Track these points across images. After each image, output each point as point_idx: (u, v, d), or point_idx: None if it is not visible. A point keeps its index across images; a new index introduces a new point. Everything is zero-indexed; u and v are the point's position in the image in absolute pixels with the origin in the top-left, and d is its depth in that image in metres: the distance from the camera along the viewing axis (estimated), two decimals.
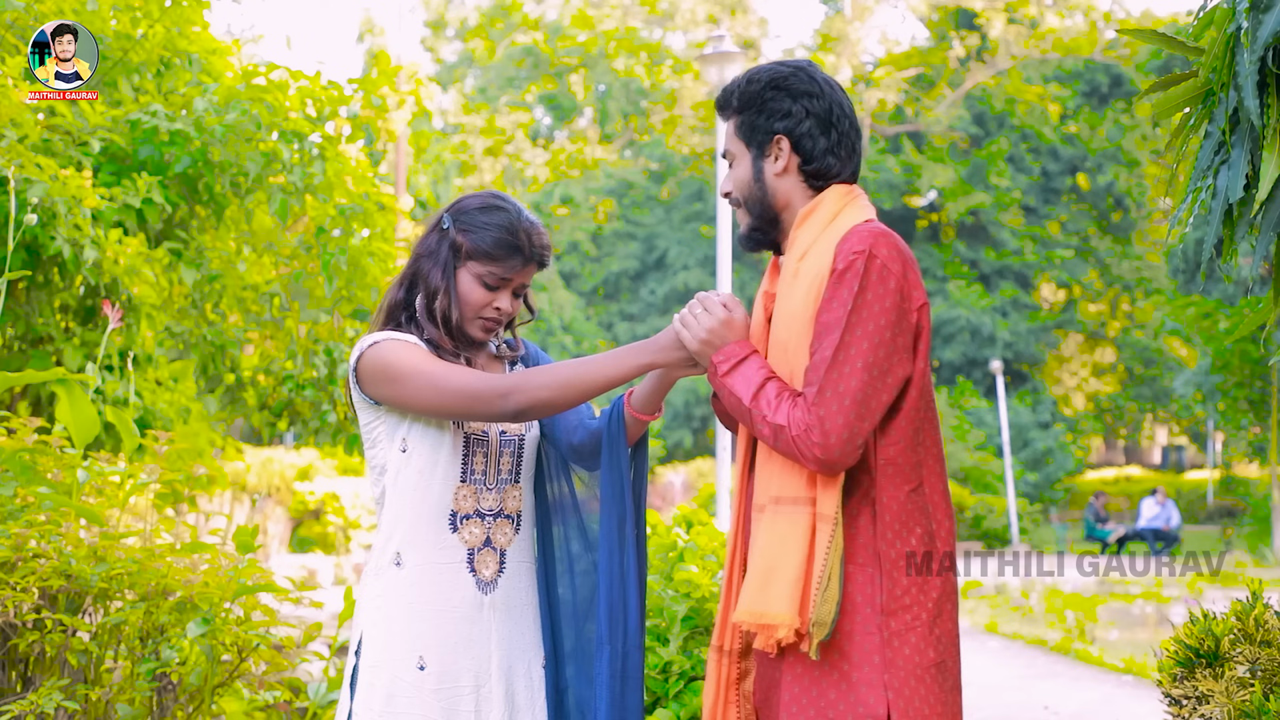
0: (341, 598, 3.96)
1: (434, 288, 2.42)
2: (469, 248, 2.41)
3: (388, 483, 2.41)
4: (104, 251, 4.88)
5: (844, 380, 2.08)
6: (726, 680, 2.30)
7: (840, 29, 35.01)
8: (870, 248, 2.13)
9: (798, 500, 2.15)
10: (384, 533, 2.40)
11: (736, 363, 2.22)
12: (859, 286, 2.10)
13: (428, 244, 2.46)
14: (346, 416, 6.32)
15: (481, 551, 2.41)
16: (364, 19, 29.23)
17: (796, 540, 2.13)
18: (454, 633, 2.36)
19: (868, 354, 2.09)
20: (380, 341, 2.37)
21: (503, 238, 2.41)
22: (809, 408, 2.09)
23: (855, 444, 2.09)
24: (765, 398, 2.15)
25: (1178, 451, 40.60)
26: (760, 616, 2.11)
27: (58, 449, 3.55)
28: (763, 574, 2.13)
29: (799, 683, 2.16)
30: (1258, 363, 18.99)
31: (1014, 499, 23.42)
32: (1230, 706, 2.42)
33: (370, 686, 2.33)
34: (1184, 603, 4.34)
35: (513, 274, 2.43)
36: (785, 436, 2.11)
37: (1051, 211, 34.36)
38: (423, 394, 2.31)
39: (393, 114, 7.38)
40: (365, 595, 2.41)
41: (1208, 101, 2.50)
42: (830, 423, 2.07)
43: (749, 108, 2.29)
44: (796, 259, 2.23)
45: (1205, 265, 2.49)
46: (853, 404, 2.08)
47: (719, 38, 11.63)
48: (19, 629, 3.24)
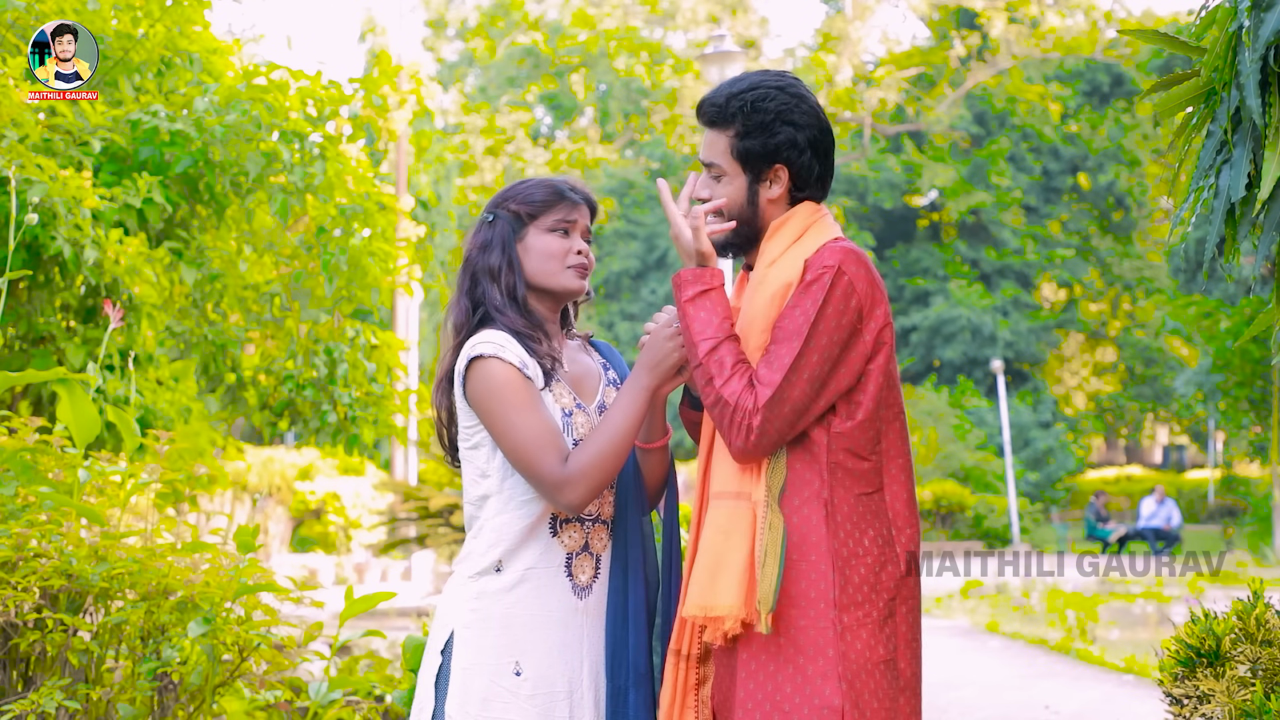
0: (342, 597, 3.96)
1: (496, 267, 2.45)
2: (525, 210, 2.46)
3: (491, 489, 2.41)
4: (105, 251, 4.88)
5: (792, 390, 2.18)
6: (684, 685, 2.31)
7: (841, 28, 35.01)
8: (840, 263, 2.22)
9: (739, 495, 2.23)
10: (486, 539, 2.39)
11: (701, 290, 2.29)
12: (822, 300, 2.19)
13: (477, 242, 2.49)
14: (347, 416, 6.32)
15: (579, 556, 2.41)
16: (365, 19, 29.20)
17: (740, 533, 2.20)
18: (550, 639, 2.36)
19: (815, 367, 2.19)
20: (489, 359, 2.37)
21: (549, 187, 2.48)
22: (758, 407, 2.17)
23: (777, 446, 2.21)
24: (721, 359, 2.23)
25: (1179, 451, 40.59)
26: (709, 609, 2.17)
27: (59, 448, 3.54)
28: (709, 568, 2.19)
29: (753, 678, 2.20)
30: (1258, 362, 18.99)
31: (1015, 498, 23.42)
32: (1231, 706, 2.41)
33: (464, 689, 2.33)
34: (1185, 602, 4.33)
35: (575, 214, 2.48)
36: (726, 413, 2.20)
37: (1052, 211, 34.36)
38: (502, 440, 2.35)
39: (393, 114, 7.38)
40: (459, 597, 2.39)
41: (1209, 101, 2.49)
42: (769, 425, 2.18)
43: (753, 134, 2.32)
44: (765, 267, 2.30)
45: (1207, 265, 2.49)
46: (791, 413, 2.18)
47: (720, 37, 11.63)
48: (20, 628, 3.24)
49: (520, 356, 2.38)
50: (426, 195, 22.76)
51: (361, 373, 6.39)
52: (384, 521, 11.50)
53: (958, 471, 24.95)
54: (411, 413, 7.35)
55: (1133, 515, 24.39)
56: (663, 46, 37.20)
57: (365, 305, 6.62)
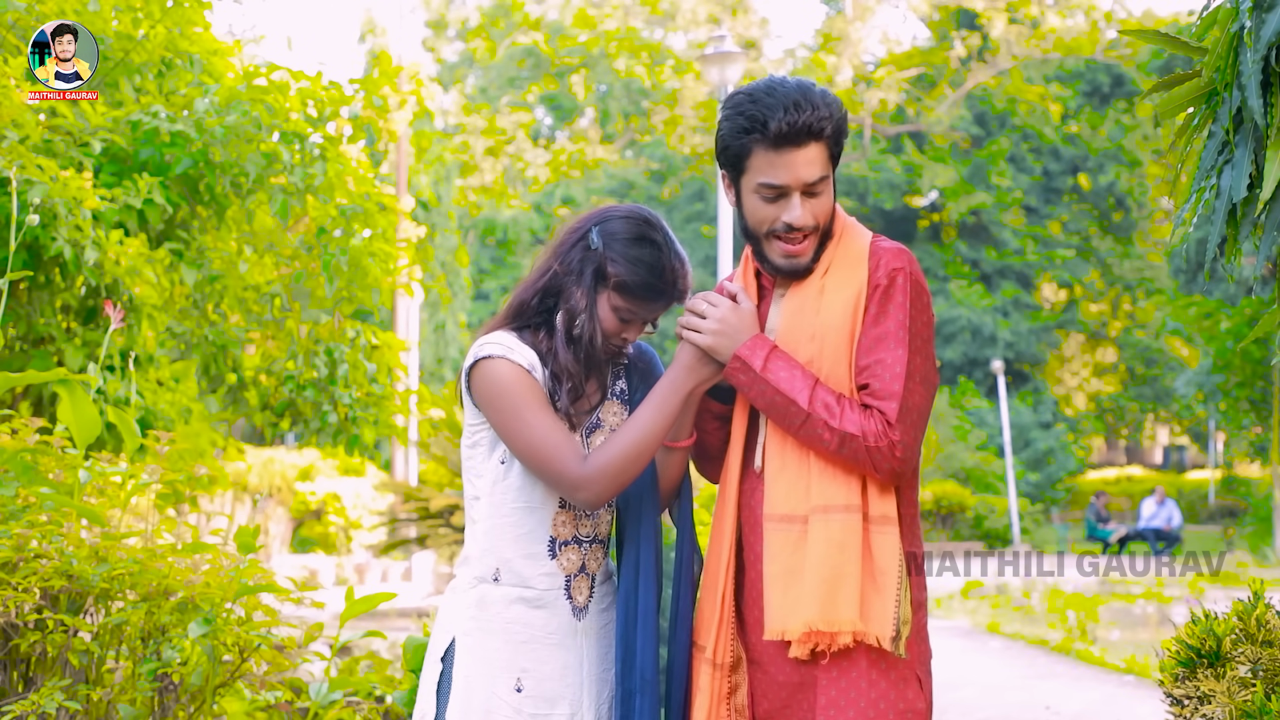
0: (343, 598, 3.95)
1: (576, 310, 2.32)
2: (615, 280, 2.31)
3: (482, 491, 2.37)
4: (105, 252, 4.88)
5: (912, 397, 2.19)
6: (718, 694, 2.29)
7: (841, 29, 35.02)
8: (908, 266, 2.22)
9: (849, 508, 2.19)
10: (480, 544, 2.36)
11: (768, 355, 2.23)
12: (909, 304, 2.20)
13: (570, 259, 2.35)
14: (347, 417, 6.32)
15: (577, 578, 2.38)
16: (365, 19, 29.22)
17: (854, 547, 2.18)
18: (550, 658, 2.34)
19: (923, 370, 2.21)
20: (496, 359, 2.30)
21: (651, 281, 2.31)
22: (889, 423, 2.16)
23: (919, 456, 2.24)
24: (823, 401, 2.19)
25: (1179, 451, 40.59)
26: (832, 624, 2.15)
27: (59, 449, 3.54)
28: (828, 582, 2.16)
29: (835, 686, 2.19)
30: (1259, 363, 18.98)
31: (1015, 499, 23.41)
32: (1232, 706, 2.41)
33: (466, 699, 2.30)
34: (1185, 603, 4.34)
35: (652, 315, 2.37)
36: (858, 445, 2.16)
37: (1053, 211, 34.36)
38: (515, 441, 2.28)
39: (394, 114, 7.38)
40: (459, 603, 2.36)
41: (1211, 101, 2.49)
42: (908, 437, 2.17)
43: (839, 135, 2.24)
44: (820, 275, 2.26)
45: (1209, 265, 2.49)
46: (919, 419, 2.20)
47: (720, 38, 11.63)
48: (20, 629, 3.23)
49: (529, 359, 2.32)
50: (427, 196, 22.75)
51: (362, 373, 6.39)
52: (384, 522, 11.50)
53: (958, 472, 24.95)
54: (412, 413, 7.35)
55: (1133, 516, 24.39)
56: (663, 47, 37.22)
57: (365, 306, 6.62)
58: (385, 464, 20.38)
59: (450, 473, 9.61)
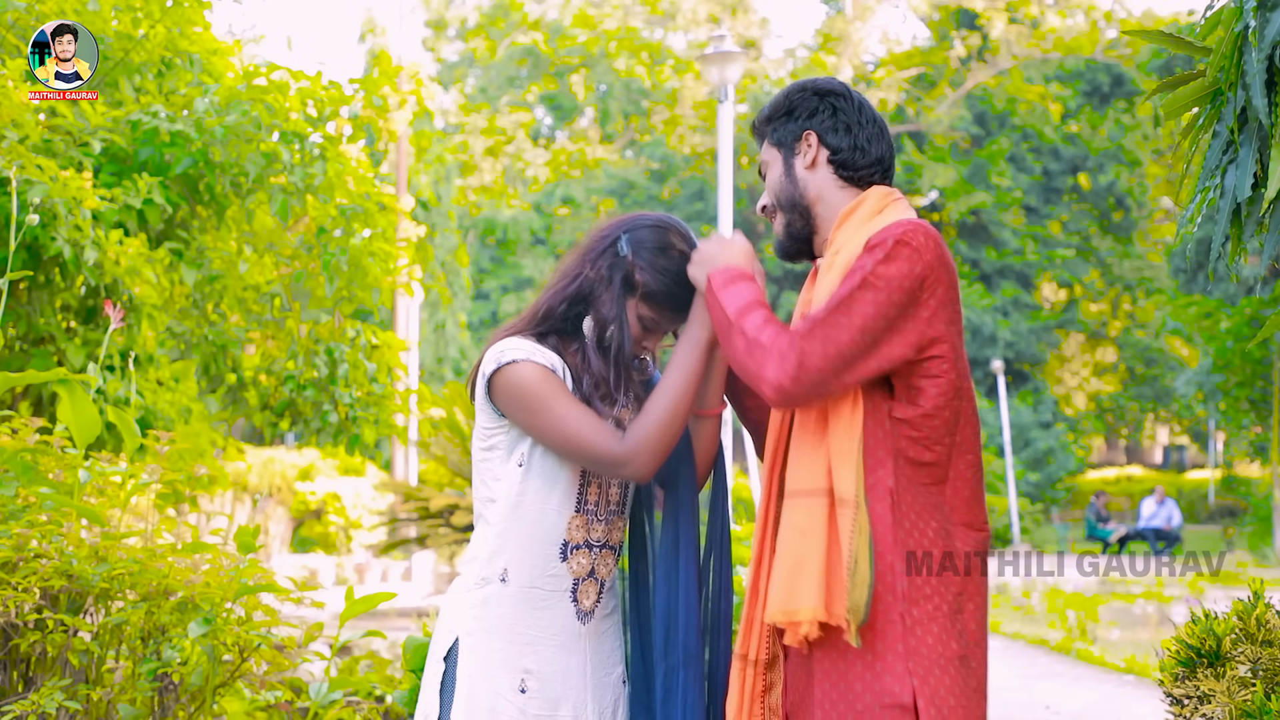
0: (343, 598, 3.95)
1: (606, 319, 2.34)
2: (643, 290, 2.33)
3: (499, 494, 2.36)
4: (105, 252, 4.88)
5: (838, 330, 2.06)
6: (752, 692, 2.26)
7: (841, 29, 35.03)
8: (904, 233, 2.11)
9: (814, 492, 2.14)
10: (491, 545, 2.35)
11: (731, 279, 2.22)
12: (884, 258, 2.08)
13: (600, 266, 2.36)
14: (348, 416, 6.31)
15: (585, 582, 2.38)
16: (365, 19, 29.20)
17: (817, 531, 2.11)
18: (553, 660, 2.34)
19: (868, 318, 2.06)
20: (520, 363, 2.29)
21: (677, 291, 2.33)
22: (793, 339, 2.07)
23: (819, 391, 2.08)
24: (753, 318, 2.15)
25: (1179, 451, 40.60)
26: (791, 614, 2.10)
27: (59, 449, 3.54)
28: (789, 570, 2.11)
29: (828, 677, 2.15)
30: (1259, 362, 18.99)
31: (1015, 498, 23.43)
32: (1232, 706, 2.41)
33: (470, 698, 2.30)
34: (1185, 602, 4.33)
35: (675, 325, 2.38)
36: (756, 352, 2.09)
37: (1052, 211, 34.37)
38: (550, 436, 2.28)
39: (393, 114, 7.38)
40: (463, 603, 2.36)
41: (1215, 101, 2.49)
42: (808, 359, 2.05)
43: (778, 115, 2.34)
44: (833, 254, 2.23)
45: (1211, 265, 2.49)
46: (836, 354, 2.06)
47: (720, 37, 11.62)
48: (20, 629, 3.23)
49: (551, 361, 2.33)
50: (426, 195, 22.76)
51: (362, 373, 6.39)
52: (384, 522, 11.50)
53: None
54: (412, 412, 7.35)
55: (1133, 515, 24.41)
56: (663, 47, 37.22)
57: (365, 305, 6.62)
58: (385, 464, 20.39)
59: (450, 473, 9.60)
